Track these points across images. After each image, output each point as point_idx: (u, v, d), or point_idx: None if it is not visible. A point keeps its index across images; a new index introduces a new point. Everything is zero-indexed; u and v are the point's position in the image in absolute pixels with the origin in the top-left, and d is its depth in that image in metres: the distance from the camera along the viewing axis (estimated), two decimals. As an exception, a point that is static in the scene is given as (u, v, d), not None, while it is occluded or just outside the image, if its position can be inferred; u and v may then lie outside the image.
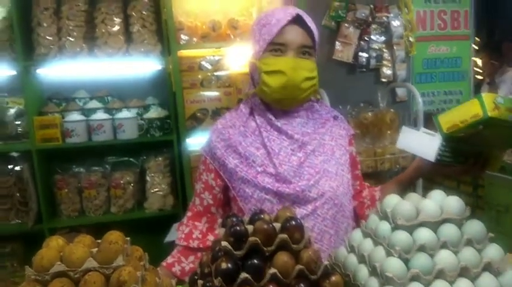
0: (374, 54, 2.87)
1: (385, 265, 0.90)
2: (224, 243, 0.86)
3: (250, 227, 0.91)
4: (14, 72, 2.20)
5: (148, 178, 2.40)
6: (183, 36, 2.17)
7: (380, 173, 2.53)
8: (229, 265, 0.84)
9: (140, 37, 2.27)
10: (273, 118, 1.22)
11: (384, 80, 2.92)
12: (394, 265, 0.89)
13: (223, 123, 1.27)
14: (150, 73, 2.44)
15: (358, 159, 1.41)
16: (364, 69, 2.89)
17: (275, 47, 1.17)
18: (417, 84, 2.95)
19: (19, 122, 2.32)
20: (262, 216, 0.95)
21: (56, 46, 2.20)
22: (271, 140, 1.21)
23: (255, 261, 0.85)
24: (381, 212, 1.02)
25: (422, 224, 0.94)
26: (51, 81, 2.41)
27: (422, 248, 0.90)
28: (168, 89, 2.33)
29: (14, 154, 2.30)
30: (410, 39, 2.90)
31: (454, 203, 0.97)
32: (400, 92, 2.96)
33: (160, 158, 2.40)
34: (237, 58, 2.25)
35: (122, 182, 2.37)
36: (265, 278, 0.85)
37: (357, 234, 1.06)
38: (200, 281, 0.91)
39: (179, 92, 2.17)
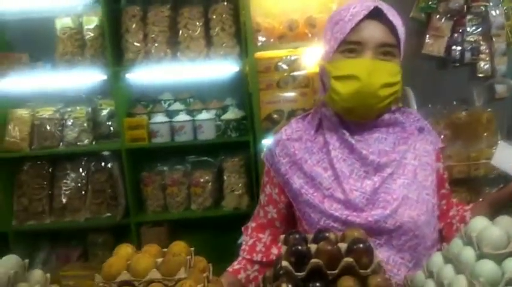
0: (469, 47, 2.61)
1: (467, 297, 0.79)
2: (285, 263, 0.82)
3: (314, 246, 0.87)
4: (105, 77, 2.37)
5: (225, 178, 2.45)
6: (260, 38, 2.16)
7: (473, 179, 2.29)
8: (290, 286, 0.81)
9: (219, 40, 2.31)
10: (347, 133, 1.06)
11: (480, 75, 2.65)
12: (477, 299, 0.78)
13: (288, 135, 1.15)
14: (229, 75, 2.47)
15: (446, 170, 1.21)
16: (458, 64, 2.65)
17: (349, 46, 1.01)
18: (521, 80, 2.62)
19: (110, 123, 2.50)
20: (327, 235, 0.89)
21: (142, 51, 2.32)
22: (340, 161, 1.05)
23: (317, 284, 0.81)
24: (465, 236, 0.90)
25: (514, 254, 0.82)
26: (139, 84, 2.56)
27: (512, 283, 0.78)
28: (245, 91, 2.35)
29: (106, 153, 2.49)
30: (514, 29, 2.59)
31: (555, 230, 0.83)
32: (500, 88, 2.65)
33: (236, 159, 2.43)
34: (314, 57, 2.18)
35: (201, 180, 2.45)
36: (328, 303, 0.80)
37: (438, 258, 0.95)
38: (261, 298, 0.89)
39: (255, 94, 2.17)
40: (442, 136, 2.43)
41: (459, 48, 2.62)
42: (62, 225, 2.48)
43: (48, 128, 2.44)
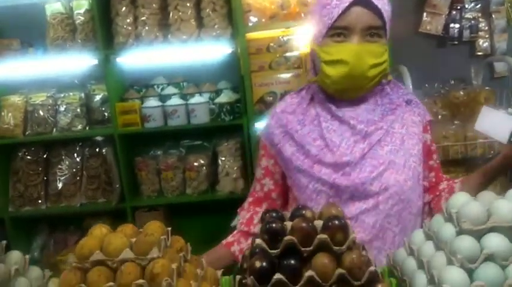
0: (468, 25, 2.56)
1: (444, 274, 0.78)
2: (259, 241, 0.81)
3: (290, 224, 0.85)
4: (96, 61, 2.34)
5: (220, 161, 2.43)
6: (252, 18, 2.12)
7: (471, 159, 2.26)
8: (264, 264, 0.79)
9: (211, 21, 2.27)
10: (334, 107, 1.12)
11: (479, 53, 2.60)
12: (454, 275, 0.76)
13: (282, 108, 1.20)
14: (222, 57, 2.44)
15: (436, 147, 1.24)
16: (456, 42, 2.60)
17: (337, 31, 1.05)
18: (521, 57, 2.55)
19: (104, 108, 2.48)
20: (303, 212, 0.87)
21: (133, 34, 2.29)
22: (330, 131, 1.11)
23: (292, 262, 0.79)
24: (446, 213, 0.88)
25: (493, 229, 0.79)
26: (131, 69, 2.54)
27: (491, 258, 0.76)
28: (238, 73, 2.31)
29: (99, 138, 2.48)
30: (514, 5, 2.52)
31: (537, 204, 0.81)
32: (500, 66, 2.60)
33: (231, 142, 2.41)
34: (307, 38, 2.14)
35: (195, 164, 2.43)
36: (302, 281, 0.78)
37: (419, 235, 0.94)
38: (238, 277, 0.88)
39: (247, 76, 2.14)
40: (440, 116, 2.40)
41: (457, 26, 2.56)
42: (57, 210, 2.48)
43: (41, 114, 2.44)
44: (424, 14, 2.55)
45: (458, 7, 2.54)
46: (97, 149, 2.49)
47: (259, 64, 2.17)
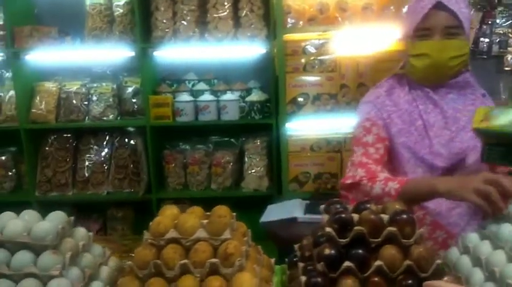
0: (497, 40, 2.59)
1: (507, 271, 0.81)
2: (328, 229, 0.85)
3: (355, 216, 0.89)
4: (132, 54, 2.38)
5: (246, 159, 2.47)
6: (289, 20, 2.16)
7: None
8: (333, 252, 0.83)
9: (248, 21, 2.31)
10: (431, 91, 1.34)
11: (507, 68, 2.63)
12: (518, 273, 0.80)
13: (386, 91, 1.39)
14: (255, 57, 2.48)
15: None
16: (485, 56, 2.63)
17: (421, 32, 1.29)
18: (548, 74, 2.59)
19: (135, 100, 2.52)
20: (368, 206, 0.91)
21: (171, 29, 2.34)
22: (427, 113, 1.33)
23: (360, 251, 0.83)
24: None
25: (556, 232, 0.83)
26: (165, 63, 2.58)
27: (554, 259, 0.79)
28: (270, 73, 2.35)
29: (130, 129, 2.52)
30: (544, 22, 2.55)
31: None
32: (527, 82, 2.63)
33: (258, 141, 2.45)
34: (343, 42, 2.17)
35: (222, 161, 2.47)
36: (370, 270, 0.82)
37: (473, 235, 0.97)
38: (301, 264, 0.91)
39: (282, 76, 2.17)
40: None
41: (487, 40, 2.59)
42: (84, 197, 2.52)
43: (74, 102, 2.48)
44: (455, 27, 2.59)
45: (489, 22, 2.57)
46: (126, 140, 2.53)
47: (294, 65, 2.20)
